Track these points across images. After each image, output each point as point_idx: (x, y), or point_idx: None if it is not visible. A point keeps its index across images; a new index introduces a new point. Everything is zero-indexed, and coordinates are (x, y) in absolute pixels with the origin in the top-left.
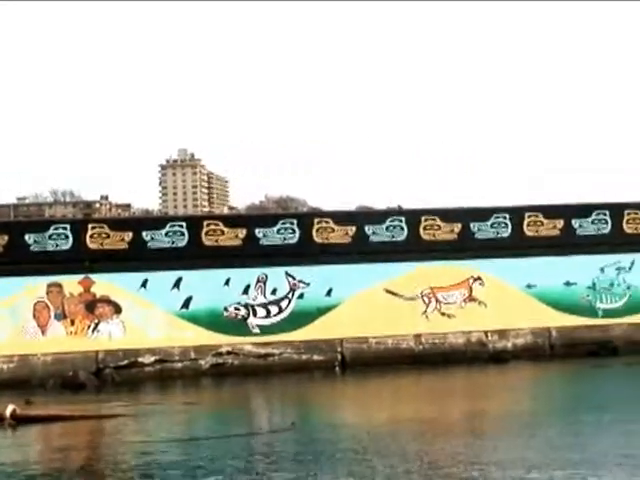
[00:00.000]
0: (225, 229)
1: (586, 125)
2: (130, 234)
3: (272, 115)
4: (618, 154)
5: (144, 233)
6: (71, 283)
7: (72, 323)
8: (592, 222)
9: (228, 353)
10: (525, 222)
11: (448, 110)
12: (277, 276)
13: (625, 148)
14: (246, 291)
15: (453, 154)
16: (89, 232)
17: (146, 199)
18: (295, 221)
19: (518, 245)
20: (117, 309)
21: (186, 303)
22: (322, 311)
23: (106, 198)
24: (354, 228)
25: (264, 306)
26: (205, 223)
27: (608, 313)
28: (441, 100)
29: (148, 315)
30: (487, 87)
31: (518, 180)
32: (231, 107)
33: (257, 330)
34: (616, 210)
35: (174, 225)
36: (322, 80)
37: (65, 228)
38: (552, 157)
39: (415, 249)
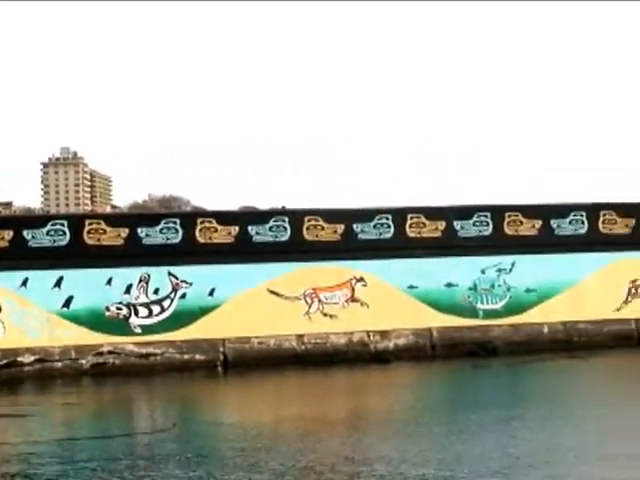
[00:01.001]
0: (107, 228)
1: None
2: (11, 232)
3: (161, 113)
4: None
5: (25, 232)
6: None
7: None
8: (473, 224)
9: (109, 353)
10: (407, 223)
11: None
12: (160, 276)
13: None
14: (128, 291)
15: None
16: None
17: (28, 197)
18: (178, 221)
19: (400, 246)
20: None
21: (67, 302)
22: (204, 311)
23: None
24: (237, 228)
25: (146, 306)
26: (87, 222)
27: (488, 314)
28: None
29: (28, 314)
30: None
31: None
32: (115, 106)
33: (139, 330)
34: (497, 212)
35: (55, 224)
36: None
37: None
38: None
39: (298, 249)
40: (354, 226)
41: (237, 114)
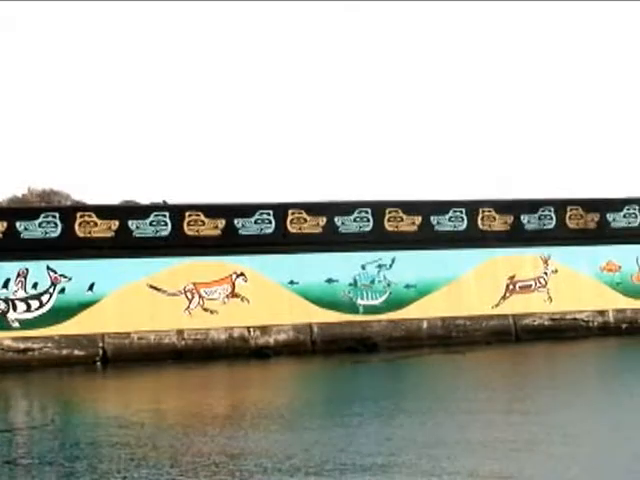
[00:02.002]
0: None
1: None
2: None
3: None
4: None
5: None
6: None
7: None
8: (354, 220)
9: None
10: (288, 219)
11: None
12: (38, 270)
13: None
14: (6, 285)
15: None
16: None
17: None
18: (57, 214)
19: (281, 241)
20: None
21: None
22: (84, 306)
23: None
24: (117, 222)
25: (24, 300)
26: None
27: (368, 309)
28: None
29: None
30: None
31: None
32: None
33: (17, 324)
34: (378, 208)
35: None
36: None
37: None
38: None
39: (179, 244)
40: (235, 221)
41: (125, 104)
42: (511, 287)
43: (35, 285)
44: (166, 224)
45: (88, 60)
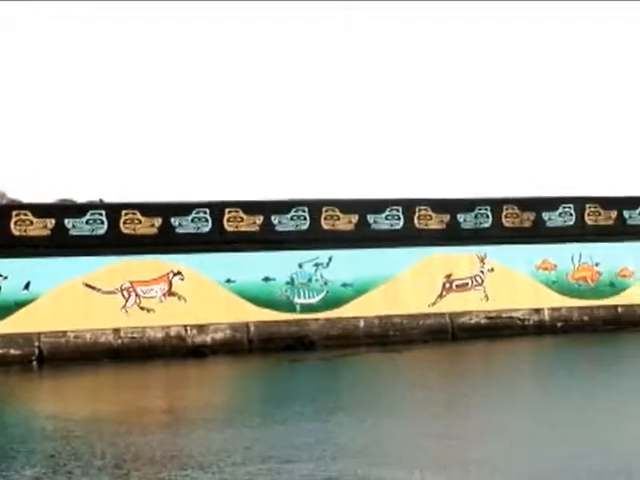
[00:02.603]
0: None
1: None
2: None
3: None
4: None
5: None
6: None
7: None
8: (291, 218)
9: None
10: (225, 217)
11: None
12: None
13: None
14: None
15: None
16: None
17: None
18: None
19: (218, 240)
20: None
21: None
22: (20, 304)
23: None
24: (53, 221)
25: None
26: None
27: (306, 308)
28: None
29: None
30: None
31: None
32: None
33: None
34: (314, 206)
35: None
36: None
37: None
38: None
39: (115, 243)
40: (172, 220)
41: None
42: (447, 286)
43: None
44: (102, 222)
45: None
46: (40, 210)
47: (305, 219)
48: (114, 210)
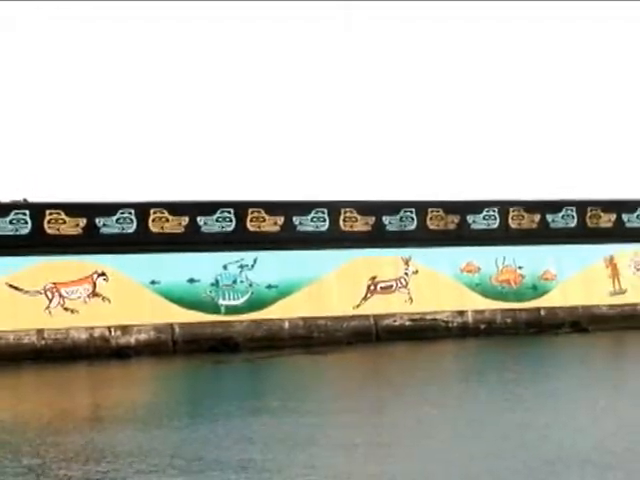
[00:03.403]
0: None
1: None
2: None
3: None
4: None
5: None
6: None
7: None
8: (216, 220)
9: None
10: (150, 218)
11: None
12: None
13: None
14: None
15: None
16: None
17: None
18: None
19: (143, 241)
20: None
21: None
22: None
23: None
24: None
25: None
26: None
27: (230, 310)
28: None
29: None
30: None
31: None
32: None
33: None
34: (240, 208)
35: None
36: None
37: None
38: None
39: (39, 243)
40: (96, 220)
41: None
42: (372, 288)
43: None
44: (26, 222)
45: None
46: None
47: (231, 220)
48: (38, 210)
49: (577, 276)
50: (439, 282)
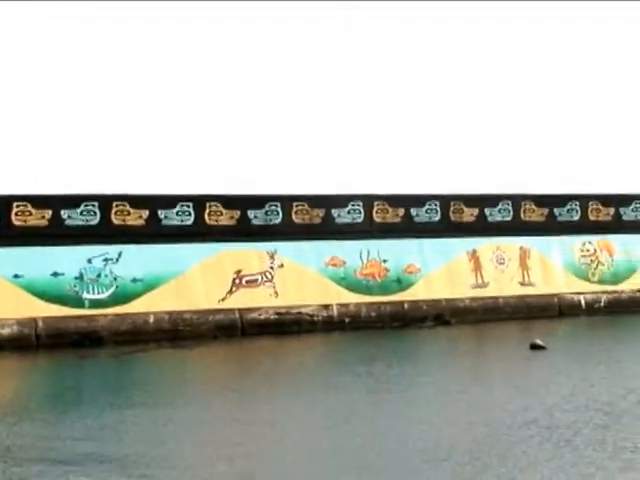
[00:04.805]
0: None
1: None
2: None
3: None
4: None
5: None
6: None
7: None
8: (81, 213)
9: None
10: (13, 212)
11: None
12: None
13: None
14: None
15: None
16: None
17: None
18: None
19: (5, 234)
20: None
21: None
22: None
23: None
24: None
25: None
26: None
27: (95, 304)
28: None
29: None
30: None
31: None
32: None
33: None
34: (105, 201)
35: None
36: None
37: None
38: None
39: None
40: None
41: None
42: (237, 281)
43: None
44: None
45: None
46: None
47: (95, 214)
48: None
49: (441, 270)
50: (304, 276)
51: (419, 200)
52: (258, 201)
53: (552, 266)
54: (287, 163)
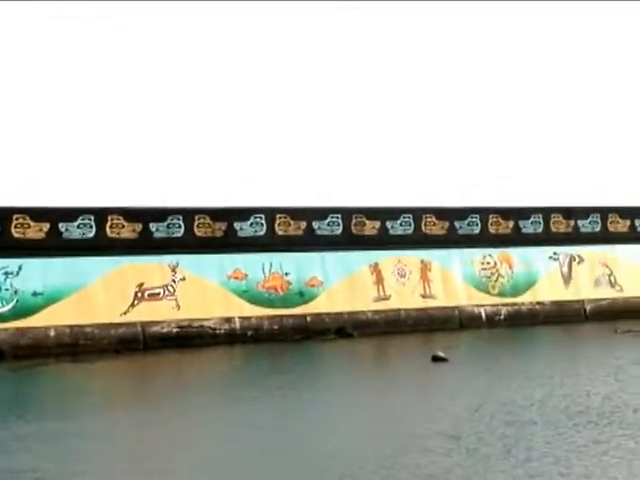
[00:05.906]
0: None
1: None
2: None
3: None
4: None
5: None
6: None
7: None
8: None
9: None
10: None
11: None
12: None
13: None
14: None
15: None
16: None
17: None
18: None
19: None
20: None
21: None
22: None
23: None
24: None
25: None
26: None
27: None
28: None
29: None
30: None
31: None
32: None
33: None
34: (4, 214)
35: None
36: None
37: None
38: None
39: None
40: None
41: None
42: (140, 295)
43: None
44: None
45: None
46: None
47: None
48: None
49: (343, 283)
50: (206, 289)
51: (321, 213)
52: (160, 214)
53: (453, 279)
54: (205, 175)
